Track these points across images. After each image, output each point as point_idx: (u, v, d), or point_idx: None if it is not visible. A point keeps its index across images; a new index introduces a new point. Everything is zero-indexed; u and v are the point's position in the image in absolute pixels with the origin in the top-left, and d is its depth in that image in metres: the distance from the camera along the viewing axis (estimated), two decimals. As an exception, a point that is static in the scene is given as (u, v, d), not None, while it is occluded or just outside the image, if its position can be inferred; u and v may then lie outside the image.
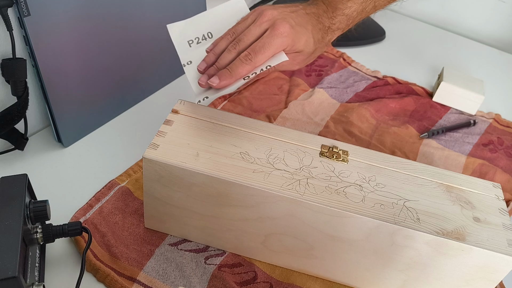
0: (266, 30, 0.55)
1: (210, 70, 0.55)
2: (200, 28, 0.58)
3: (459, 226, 0.51)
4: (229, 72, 0.53)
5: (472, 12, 1.17)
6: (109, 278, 0.54)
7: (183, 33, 0.57)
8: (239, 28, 0.56)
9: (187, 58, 0.57)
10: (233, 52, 0.54)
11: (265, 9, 0.56)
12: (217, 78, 0.53)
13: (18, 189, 0.48)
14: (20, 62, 0.59)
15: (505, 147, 0.82)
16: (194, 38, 0.58)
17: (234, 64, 0.53)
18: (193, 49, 0.57)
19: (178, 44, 0.57)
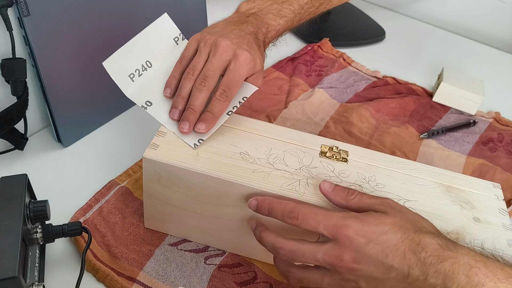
0: (227, 62, 0.55)
1: (188, 115, 0.53)
2: (137, 58, 0.57)
3: (459, 226, 0.51)
4: (211, 114, 0.54)
5: (472, 12, 1.17)
6: (109, 278, 0.54)
7: (121, 66, 0.56)
8: (197, 65, 0.55)
9: (141, 98, 0.56)
10: (203, 90, 0.54)
11: (217, 40, 0.55)
12: (203, 124, 0.53)
13: (18, 189, 0.48)
14: (20, 62, 0.59)
15: (504, 144, 0.82)
16: (134, 70, 0.57)
17: (213, 104, 0.54)
18: (136, 83, 0.56)
19: (120, 82, 0.56)
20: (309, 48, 0.98)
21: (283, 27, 0.64)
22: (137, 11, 0.70)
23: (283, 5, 0.64)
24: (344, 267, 0.42)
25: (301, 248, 0.44)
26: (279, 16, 0.63)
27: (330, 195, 0.48)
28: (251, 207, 0.49)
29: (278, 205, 0.47)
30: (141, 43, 0.58)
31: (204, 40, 0.56)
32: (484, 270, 0.41)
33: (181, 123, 0.54)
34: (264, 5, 0.63)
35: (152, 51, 0.58)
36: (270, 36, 0.63)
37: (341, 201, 0.48)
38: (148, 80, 0.57)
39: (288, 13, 0.64)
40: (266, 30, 0.62)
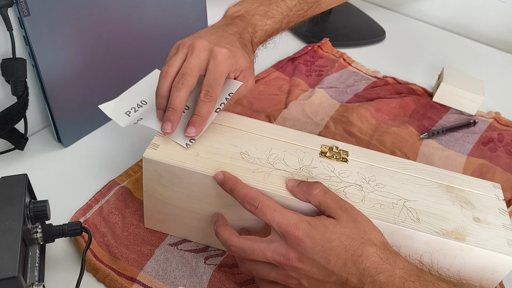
0: (206, 61, 0.54)
1: (169, 115, 0.53)
2: (132, 101, 0.58)
3: (459, 226, 0.51)
4: (199, 116, 0.53)
5: (472, 12, 1.17)
6: (109, 278, 0.54)
7: (117, 108, 0.57)
8: (173, 62, 0.54)
9: (133, 119, 0.56)
10: (182, 88, 0.53)
11: (194, 41, 0.55)
12: (192, 127, 0.53)
13: (18, 189, 0.48)
14: (20, 62, 0.59)
15: (505, 144, 0.82)
16: (130, 108, 0.58)
17: (199, 107, 0.53)
18: (132, 117, 0.57)
19: (116, 118, 0.56)
20: (309, 48, 0.98)
21: (271, 28, 0.64)
22: (137, 11, 0.71)
23: (270, 7, 0.64)
24: (289, 265, 0.46)
25: (252, 247, 0.47)
26: (266, 16, 0.63)
27: (294, 190, 0.50)
28: (216, 179, 0.51)
29: (241, 188, 0.49)
30: (135, 92, 0.59)
31: (182, 44, 0.56)
32: (417, 284, 0.44)
33: (163, 124, 0.53)
34: (250, 7, 0.63)
35: (147, 94, 0.59)
36: (258, 36, 0.62)
37: (304, 195, 0.49)
38: (143, 111, 0.58)
39: (276, 14, 0.64)
40: (252, 30, 0.61)
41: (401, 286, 0.43)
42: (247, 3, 0.64)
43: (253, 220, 0.53)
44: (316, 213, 0.50)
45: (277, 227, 0.47)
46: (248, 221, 0.54)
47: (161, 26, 0.75)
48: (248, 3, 0.64)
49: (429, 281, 0.44)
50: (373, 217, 0.49)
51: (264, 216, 0.47)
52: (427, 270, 0.48)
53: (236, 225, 0.54)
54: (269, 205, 0.48)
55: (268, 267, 0.48)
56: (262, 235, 0.49)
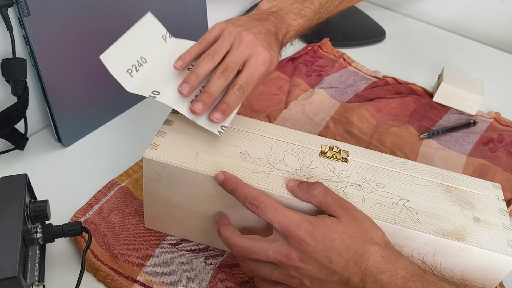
0: (248, 56, 0.55)
1: (203, 98, 0.53)
2: (131, 54, 0.57)
3: (459, 226, 0.51)
4: (227, 105, 0.54)
5: (472, 12, 1.17)
6: (109, 278, 0.54)
7: (118, 62, 0.56)
8: (219, 49, 0.55)
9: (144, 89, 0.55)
10: (223, 79, 0.54)
11: (242, 33, 0.55)
12: (219, 113, 0.53)
13: (18, 189, 0.48)
14: (20, 62, 0.59)
15: (504, 144, 0.82)
16: (131, 66, 0.56)
17: (230, 98, 0.54)
18: (135, 78, 0.56)
19: (120, 77, 0.56)
20: (309, 48, 0.98)
21: (303, 27, 0.63)
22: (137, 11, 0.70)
23: (304, 4, 0.63)
24: (290, 265, 0.46)
25: (254, 246, 0.47)
26: (300, 15, 0.62)
27: (295, 190, 0.50)
28: (217, 180, 0.51)
29: (243, 188, 0.49)
30: (132, 40, 0.57)
31: (228, 29, 0.56)
32: (419, 284, 0.44)
33: (195, 103, 0.53)
34: (285, 4, 0.62)
35: (144, 47, 0.58)
36: (288, 36, 0.62)
37: (305, 195, 0.49)
38: (147, 74, 0.57)
39: (309, 12, 0.63)
40: (286, 31, 0.61)
41: (403, 286, 0.43)
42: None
43: (254, 220, 0.53)
44: (317, 213, 0.50)
45: (279, 227, 0.47)
46: (249, 221, 0.54)
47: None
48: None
49: (432, 281, 0.44)
50: (373, 217, 0.49)
51: (266, 216, 0.47)
52: (430, 270, 0.48)
53: (237, 225, 0.54)
54: (271, 204, 0.48)
55: (270, 266, 0.48)
56: (264, 234, 0.49)
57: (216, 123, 0.54)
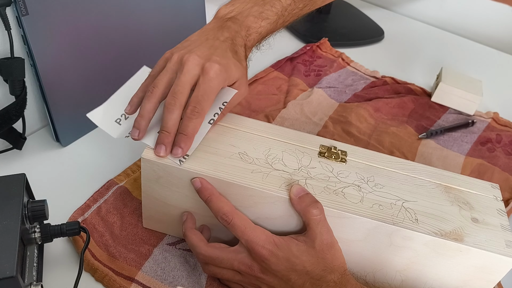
0: (196, 76, 0.52)
1: (162, 139, 0.51)
2: (121, 105, 0.56)
3: (457, 227, 0.51)
4: (185, 135, 0.51)
5: (471, 12, 1.17)
6: (107, 278, 0.53)
7: (106, 116, 0.55)
8: (160, 81, 0.52)
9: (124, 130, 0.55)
10: (175, 110, 0.50)
11: (184, 56, 0.52)
12: (178, 148, 0.51)
13: (16, 188, 0.48)
14: (18, 61, 0.58)
15: (502, 145, 0.82)
16: (120, 115, 0.56)
17: (185, 125, 0.51)
18: (123, 125, 0.55)
19: (106, 127, 0.55)
20: (308, 48, 0.98)
21: (266, 29, 0.61)
22: (135, 10, 0.70)
23: (265, 7, 0.61)
24: (252, 275, 0.51)
25: (221, 257, 0.51)
26: (261, 18, 0.60)
27: (294, 200, 0.50)
28: (194, 186, 0.52)
29: (217, 202, 0.51)
30: (124, 95, 0.57)
31: (171, 58, 0.53)
32: None
33: (157, 147, 0.51)
34: (244, 8, 0.60)
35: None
36: (252, 39, 0.60)
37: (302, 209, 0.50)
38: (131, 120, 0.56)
39: (271, 15, 0.61)
40: (246, 33, 0.59)
41: None
42: (239, 3, 0.61)
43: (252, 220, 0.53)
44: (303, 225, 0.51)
45: (245, 243, 0.50)
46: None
47: (160, 25, 0.75)
48: (241, 3, 0.61)
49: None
50: (371, 218, 0.49)
51: (235, 232, 0.50)
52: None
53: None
54: (241, 223, 0.50)
55: (233, 272, 0.52)
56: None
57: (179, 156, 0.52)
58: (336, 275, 0.49)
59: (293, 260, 0.49)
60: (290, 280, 0.49)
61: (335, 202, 0.50)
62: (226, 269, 0.52)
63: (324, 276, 0.49)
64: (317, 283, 0.49)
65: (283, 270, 0.49)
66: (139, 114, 0.52)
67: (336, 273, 0.49)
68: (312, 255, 0.49)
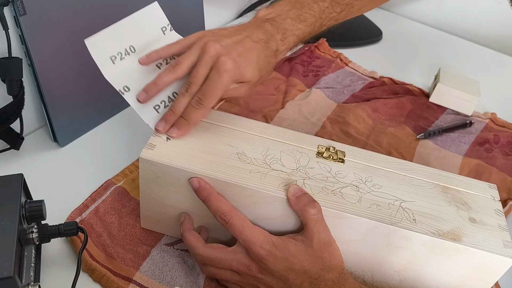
0: (211, 67, 0.54)
1: (167, 116, 0.54)
2: (120, 41, 0.55)
3: (455, 227, 0.51)
4: (186, 120, 0.54)
5: (469, 13, 1.17)
6: (105, 278, 0.53)
7: (103, 47, 0.54)
8: (182, 62, 0.54)
9: (119, 81, 0.54)
10: (186, 96, 0.54)
11: (208, 43, 0.54)
12: (175, 129, 0.54)
13: (14, 189, 0.48)
14: (16, 61, 0.58)
15: (500, 145, 0.82)
16: (117, 53, 0.55)
17: (187, 111, 0.54)
18: (117, 66, 0.55)
19: (100, 63, 0.54)
20: (306, 48, 0.98)
21: (303, 32, 0.62)
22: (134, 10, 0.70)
23: (303, 10, 0.62)
24: (250, 275, 0.51)
25: (219, 257, 0.51)
26: (298, 20, 0.61)
27: (292, 200, 0.50)
28: (191, 186, 0.52)
29: (215, 201, 0.51)
30: (126, 28, 0.56)
31: (200, 40, 0.55)
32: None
33: (159, 122, 0.54)
34: (282, 10, 0.61)
35: (137, 37, 0.57)
36: (288, 42, 0.60)
37: (299, 208, 0.50)
38: (129, 65, 0.55)
39: (308, 17, 0.62)
40: (282, 36, 0.59)
41: None
42: (278, 5, 0.62)
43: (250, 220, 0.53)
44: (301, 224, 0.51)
45: (243, 243, 0.50)
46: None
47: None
48: (280, 6, 0.62)
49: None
50: (369, 218, 0.49)
51: (233, 231, 0.51)
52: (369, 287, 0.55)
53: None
54: (239, 222, 0.50)
55: (230, 272, 0.52)
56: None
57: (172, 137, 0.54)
58: (334, 273, 0.49)
59: (291, 259, 0.49)
60: (288, 279, 0.49)
61: (333, 202, 0.50)
62: (224, 269, 0.52)
63: (322, 275, 0.49)
64: (315, 282, 0.49)
65: (281, 269, 0.49)
66: (154, 81, 0.54)
67: (334, 272, 0.49)
68: (310, 254, 0.49)
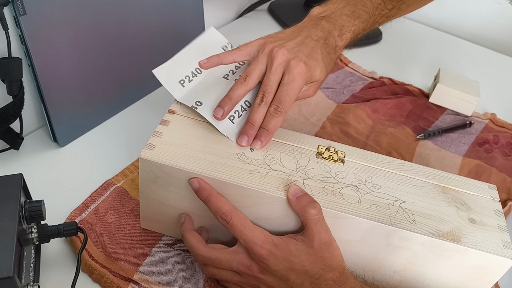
0: (282, 73, 0.55)
1: (247, 130, 0.54)
2: (186, 67, 0.57)
3: (454, 227, 0.51)
4: (266, 131, 0.54)
5: (468, 13, 1.17)
6: (104, 279, 0.53)
7: (171, 74, 0.56)
8: (252, 73, 0.55)
9: (191, 100, 0.56)
10: (263, 106, 0.55)
11: (274, 49, 0.55)
12: (258, 141, 0.54)
13: (13, 189, 0.48)
14: (16, 61, 0.58)
15: (500, 146, 0.83)
16: (185, 77, 0.57)
17: (267, 121, 0.54)
18: (186, 88, 0.56)
19: (171, 88, 0.56)
20: (306, 48, 0.98)
21: (358, 28, 0.62)
22: (134, 10, 0.70)
23: (357, 6, 0.62)
24: (251, 275, 0.51)
25: (219, 257, 0.51)
26: (353, 17, 0.61)
27: (292, 200, 0.50)
28: (192, 186, 0.51)
29: (215, 201, 0.51)
30: (190, 54, 0.58)
31: (264, 48, 0.56)
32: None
33: (240, 137, 0.54)
34: (337, 8, 0.62)
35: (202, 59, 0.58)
36: (345, 38, 0.61)
37: (300, 209, 0.50)
38: (198, 84, 0.57)
39: (362, 13, 0.62)
40: (339, 32, 0.60)
41: None
42: (332, 3, 0.62)
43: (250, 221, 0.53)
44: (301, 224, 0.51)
45: (244, 243, 0.50)
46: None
47: (158, 25, 0.75)
48: (333, 3, 0.62)
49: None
50: (369, 218, 0.49)
51: (234, 231, 0.51)
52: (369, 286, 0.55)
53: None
54: (240, 222, 0.50)
55: (231, 273, 0.52)
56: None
57: (257, 148, 0.55)
58: (335, 273, 0.49)
59: (292, 259, 0.49)
60: (289, 279, 0.49)
61: (333, 202, 0.50)
62: (225, 270, 0.52)
63: (323, 275, 0.49)
64: (316, 282, 0.49)
65: (282, 269, 0.49)
66: (228, 95, 0.55)
67: (335, 271, 0.49)
68: (311, 254, 0.49)
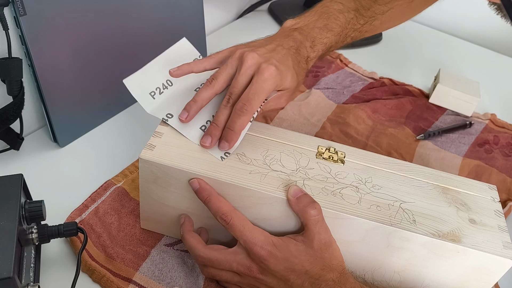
0: (251, 76, 0.54)
1: (211, 130, 0.54)
2: (157, 78, 0.57)
3: (455, 228, 0.51)
4: (231, 131, 0.53)
5: (468, 14, 1.17)
6: (104, 279, 0.53)
7: (141, 85, 0.56)
8: (219, 76, 0.55)
9: (162, 112, 0.56)
10: (228, 106, 0.54)
11: (245, 53, 0.54)
12: (225, 142, 0.53)
13: (14, 189, 0.48)
14: (16, 61, 0.58)
15: (500, 146, 0.83)
16: (155, 88, 0.56)
17: (232, 120, 0.53)
18: (157, 100, 0.56)
19: (141, 100, 0.56)
20: (306, 49, 0.98)
21: (330, 41, 0.62)
22: (134, 11, 0.70)
23: (329, 20, 0.63)
24: (251, 276, 0.51)
25: (219, 258, 0.51)
26: (326, 29, 0.62)
27: (292, 201, 0.50)
28: (192, 187, 0.51)
29: (216, 202, 0.51)
30: (161, 64, 0.58)
31: (235, 53, 0.56)
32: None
33: (204, 137, 0.53)
34: (309, 21, 0.62)
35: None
36: (317, 50, 0.61)
37: (300, 209, 0.50)
38: (169, 97, 0.57)
39: (335, 26, 0.63)
40: (311, 44, 0.60)
41: None
42: (305, 16, 0.63)
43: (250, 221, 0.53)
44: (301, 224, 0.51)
45: (244, 244, 0.50)
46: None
47: (157, 25, 0.75)
48: (306, 17, 0.63)
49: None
50: (369, 219, 0.49)
51: (234, 232, 0.51)
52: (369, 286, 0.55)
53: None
54: (240, 223, 0.50)
55: (231, 274, 0.52)
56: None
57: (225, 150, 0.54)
58: (335, 273, 0.49)
59: (292, 260, 0.49)
60: (289, 280, 0.49)
61: (333, 203, 0.50)
62: (225, 270, 0.52)
63: (323, 275, 0.49)
64: (316, 282, 0.49)
65: (282, 270, 0.49)
66: (193, 99, 0.55)
67: (335, 272, 0.49)
68: (311, 255, 0.49)
